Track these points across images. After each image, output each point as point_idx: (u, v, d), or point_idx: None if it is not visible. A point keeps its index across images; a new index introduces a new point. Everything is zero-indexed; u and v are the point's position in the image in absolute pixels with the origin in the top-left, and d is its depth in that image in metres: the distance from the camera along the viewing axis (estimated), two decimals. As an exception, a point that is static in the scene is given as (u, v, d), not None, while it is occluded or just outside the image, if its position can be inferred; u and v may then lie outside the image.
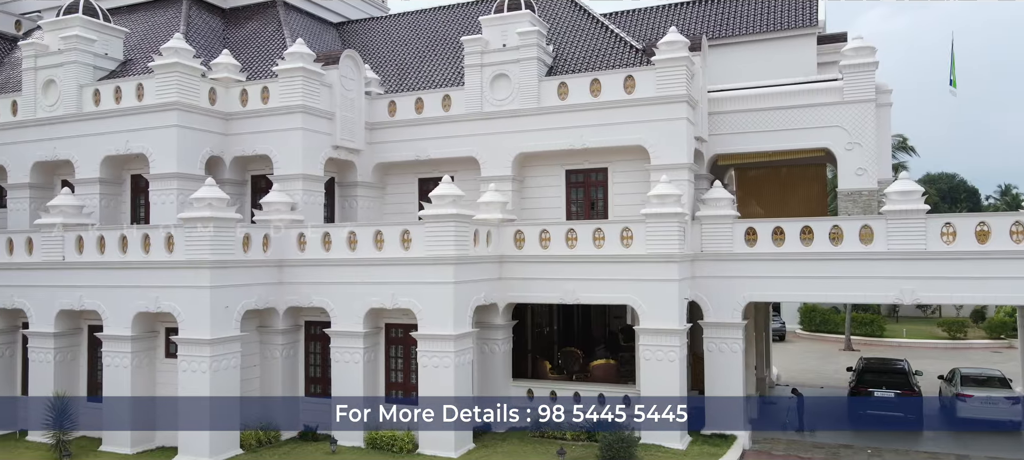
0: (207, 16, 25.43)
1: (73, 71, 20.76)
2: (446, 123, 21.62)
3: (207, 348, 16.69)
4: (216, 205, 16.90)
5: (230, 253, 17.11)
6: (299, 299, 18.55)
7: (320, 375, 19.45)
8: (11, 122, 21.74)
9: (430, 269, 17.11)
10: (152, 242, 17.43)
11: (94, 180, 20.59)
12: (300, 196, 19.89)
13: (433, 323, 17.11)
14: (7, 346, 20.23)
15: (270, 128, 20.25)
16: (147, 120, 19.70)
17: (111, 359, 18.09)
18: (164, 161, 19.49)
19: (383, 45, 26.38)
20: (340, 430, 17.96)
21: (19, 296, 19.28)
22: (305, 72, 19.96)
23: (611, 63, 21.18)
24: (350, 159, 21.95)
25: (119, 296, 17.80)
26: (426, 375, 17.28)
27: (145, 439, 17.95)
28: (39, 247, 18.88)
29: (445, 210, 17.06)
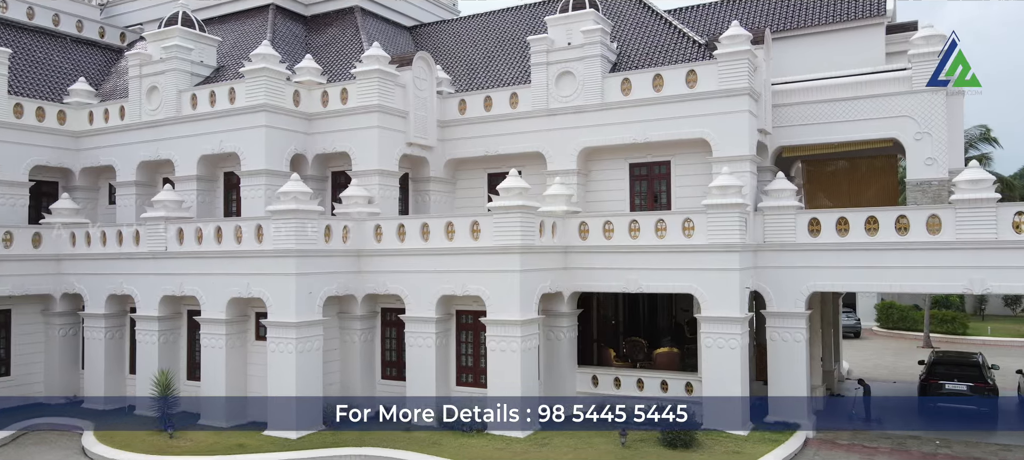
0: (291, 23, 27.14)
1: (173, 78, 22.66)
2: (513, 120, 22.49)
3: (293, 330, 18.10)
4: (300, 199, 18.29)
5: (313, 243, 18.47)
6: (376, 287, 19.80)
7: (395, 359, 20.65)
8: (119, 125, 23.87)
9: (497, 258, 18.02)
10: (244, 233, 18.97)
11: (191, 177, 22.43)
12: (377, 190, 21.14)
13: (501, 309, 18.02)
14: (117, 329, 22.26)
15: (349, 127, 21.60)
16: (238, 121, 21.36)
17: (208, 341, 19.78)
18: (253, 159, 21.10)
19: (454, 46, 27.50)
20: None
21: (128, 283, 21.24)
22: (381, 74, 21.21)
23: (674, 58, 21.62)
24: (423, 155, 23.10)
25: (215, 283, 19.45)
26: (494, 359, 18.21)
27: (238, 414, 19.54)
28: (145, 238, 20.74)
29: (511, 202, 17.93)
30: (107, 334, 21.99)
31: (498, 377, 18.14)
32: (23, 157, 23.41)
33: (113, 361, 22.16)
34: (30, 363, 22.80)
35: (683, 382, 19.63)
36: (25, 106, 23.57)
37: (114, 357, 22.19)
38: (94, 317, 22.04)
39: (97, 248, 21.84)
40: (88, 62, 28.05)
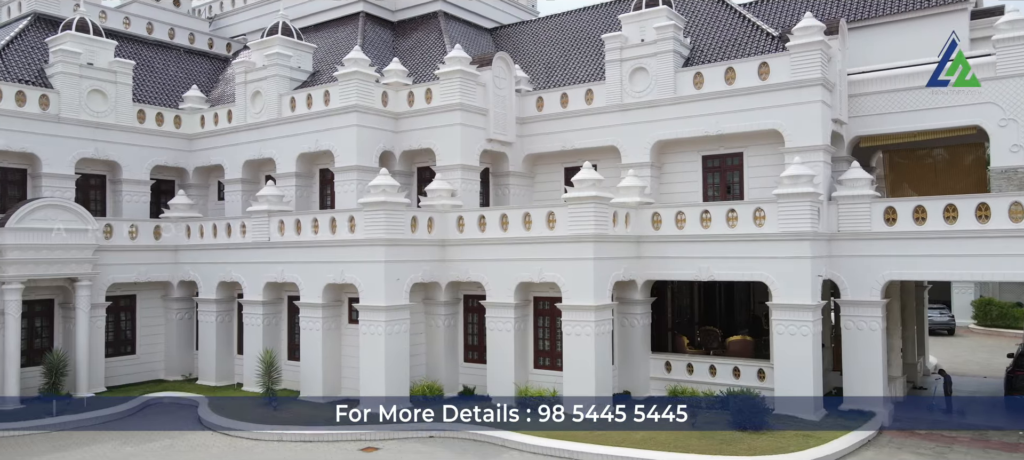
0: (379, 29, 28.88)
1: (274, 83, 24.68)
2: (589, 115, 23.33)
3: (383, 314, 19.57)
4: (388, 191, 19.74)
5: (400, 233, 19.89)
6: (458, 274, 21.06)
7: (477, 343, 21.87)
8: (227, 128, 26.15)
9: (572, 246, 18.93)
10: (338, 224, 20.61)
11: (291, 174, 24.39)
12: (459, 184, 22.43)
13: (575, 295, 18.92)
14: (227, 313, 24.43)
15: (433, 125, 23.00)
16: (332, 122, 23.11)
17: (306, 323, 21.56)
18: (346, 155, 22.80)
19: (532, 46, 28.56)
20: (494, 390, 20.31)
21: (235, 271, 23.33)
22: (462, 74, 22.48)
23: (747, 51, 21.93)
24: (503, 151, 24.25)
25: (312, 270, 21.20)
26: (569, 342, 19.13)
27: (333, 390, 21.25)
28: (250, 230, 22.75)
29: (585, 193, 18.79)
30: (218, 318, 24.18)
31: (573, 360, 19.04)
32: (145, 158, 26.01)
33: (223, 342, 24.33)
34: (152, 344, 25.31)
35: (755, 369, 19.98)
36: (147, 112, 26.18)
37: (224, 339, 24.36)
38: (206, 302, 24.29)
39: (209, 239, 24.07)
40: (199, 71, 30.69)
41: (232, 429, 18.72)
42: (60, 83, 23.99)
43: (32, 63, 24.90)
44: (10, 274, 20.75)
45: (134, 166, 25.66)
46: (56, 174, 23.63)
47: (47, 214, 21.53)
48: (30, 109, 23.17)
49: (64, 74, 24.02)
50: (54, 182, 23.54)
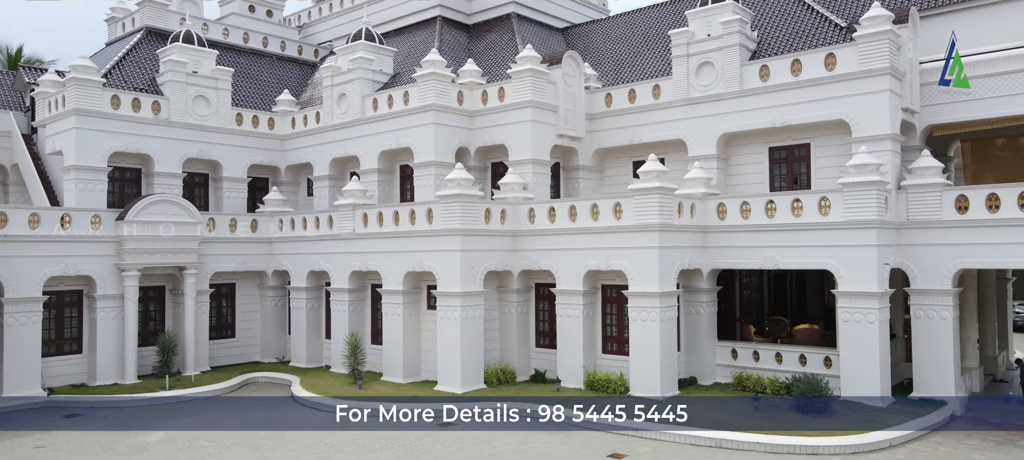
0: (455, 32, 30.30)
1: (358, 86, 26.41)
2: (656, 110, 23.98)
3: (458, 299, 20.85)
4: (463, 185, 21.00)
5: (474, 223, 21.12)
6: (529, 263, 22.13)
7: (547, 329, 22.88)
8: (315, 128, 28.10)
9: (637, 235, 19.69)
10: (417, 216, 22.03)
11: (373, 170, 26.06)
12: (530, 178, 23.51)
13: (641, 282, 19.67)
14: (316, 300, 26.32)
15: (505, 122, 24.16)
16: (411, 120, 24.61)
17: (388, 309, 23.08)
18: (424, 152, 24.25)
19: (602, 44, 29.35)
20: (564, 374, 21.29)
21: (323, 261, 25.14)
22: (533, 73, 23.55)
23: (814, 43, 22.11)
24: (572, 146, 25.19)
25: (393, 259, 22.69)
26: (635, 327, 19.90)
27: (412, 372, 22.68)
28: (337, 223, 24.49)
29: (650, 184, 19.52)
30: (308, 304, 26.08)
31: (639, 344, 19.80)
32: (243, 158, 28.26)
33: (312, 327, 26.22)
34: (250, 328, 27.50)
35: (822, 357, 20.20)
36: (244, 115, 28.43)
37: (313, 324, 26.24)
38: (297, 290, 26.23)
39: (299, 232, 26.00)
40: (290, 76, 32.92)
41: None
42: (169, 90, 26.44)
43: (145, 73, 27.49)
44: (128, 262, 23.13)
45: (233, 165, 27.94)
46: (166, 173, 26.07)
47: (160, 209, 23.84)
48: (144, 114, 25.66)
49: (173, 82, 26.45)
50: (165, 180, 25.98)
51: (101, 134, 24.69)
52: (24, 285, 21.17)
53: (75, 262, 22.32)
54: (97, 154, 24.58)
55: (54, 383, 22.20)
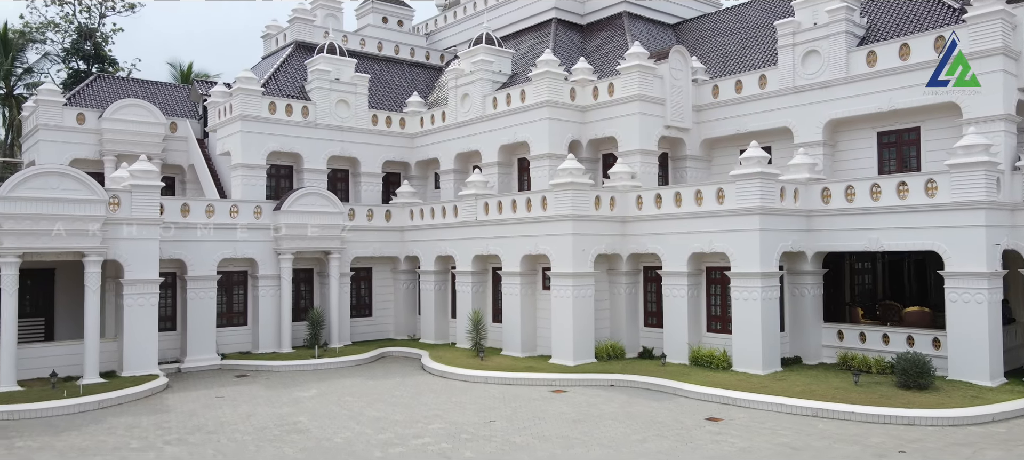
0: (569, 32, 32.10)
1: (479, 86, 28.79)
2: (762, 99, 24.71)
3: (570, 279, 22.63)
4: (575, 174, 22.75)
5: (585, 209, 22.82)
6: (637, 247, 23.56)
7: (655, 309, 24.22)
8: (441, 126, 30.78)
9: (739, 219, 20.69)
10: (532, 203, 24.01)
11: (494, 163, 28.34)
12: (638, 167, 24.92)
13: (742, 263, 20.66)
14: (443, 282, 28.94)
15: (614, 115, 25.69)
16: (527, 116, 26.65)
17: (508, 290, 25.20)
18: (539, 145, 26.22)
19: (711, 37, 30.19)
20: (669, 351, 22.59)
21: (449, 246, 27.67)
22: (640, 68, 24.94)
23: (925, 25, 22.13)
24: (680, 136, 26.33)
25: (511, 244, 24.78)
26: (737, 307, 20.92)
27: (529, 347, 24.69)
28: (461, 211, 26.92)
29: (751, 169, 20.46)
30: (435, 286, 28.73)
31: (741, 323, 20.79)
32: (378, 155, 31.39)
33: (440, 307, 28.86)
34: (384, 308, 30.56)
35: (930, 338, 20.34)
36: (379, 116, 31.57)
37: (440, 304, 28.87)
38: (426, 273, 28.94)
39: (428, 220, 28.69)
40: (419, 79, 35.93)
41: (447, 374, 22.79)
42: (316, 96, 29.92)
43: (295, 81, 31.19)
44: (284, 247, 26.61)
45: (370, 161, 31.12)
46: (313, 169, 29.55)
47: (309, 200, 27.19)
48: (295, 118, 29.24)
49: (318, 88, 29.91)
50: (312, 175, 29.46)
51: (260, 136, 28.44)
52: (202, 265, 24.98)
53: (241, 246, 26.01)
54: (258, 153, 28.35)
55: (225, 350, 25.97)
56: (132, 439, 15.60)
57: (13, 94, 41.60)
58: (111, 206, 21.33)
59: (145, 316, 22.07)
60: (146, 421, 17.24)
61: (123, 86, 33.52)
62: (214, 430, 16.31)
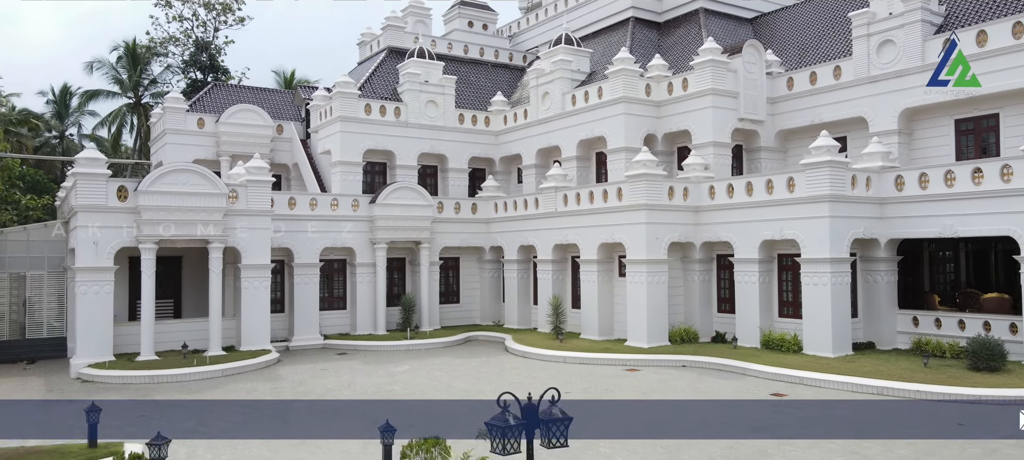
0: (646, 30, 33.11)
1: (558, 84, 30.26)
2: (836, 90, 25.08)
3: (644, 266, 23.79)
4: (648, 166, 23.88)
5: (658, 199, 23.92)
6: (710, 235, 24.45)
7: (728, 295, 25.03)
8: (523, 123, 32.44)
9: (809, 206, 21.32)
10: (608, 194, 25.29)
11: (573, 157, 29.76)
12: (711, 159, 25.78)
13: (812, 249, 21.28)
14: (525, 271, 30.54)
15: (688, 109, 26.63)
16: (604, 112, 27.93)
17: (585, 277, 26.56)
18: (615, 139, 27.47)
19: (788, 30, 30.54)
20: (741, 335, 23.40)
21: (531, 236, 29.27)
22: (713, 63, 25.78)
23: (1006, 11, 22.04)
24: (754, 128, 26.98)
25: (588, 233, 26.13)
26: (807, 292, 21.54)
27: (606, 331, 25.98)
28: (542, 203, 28.45)
29: (820, 158, 21.06)
30: (519, 275, 30.39)
31: (811, 307, 21.41)
32: (464, 151, 33.36)
33: (523, 294, 30.50)
34: (471, 295, 32.49)
35: (1007, 323, 20.34)
36: (465, 115, 33.54)
37: (523, 291, 30.52)
38: (510, 262, 30.64)
39: (511, 212, 30.39)
40: (502, 79, 37.75)
41: (529, 354, 24.39)
42: (407, 97, 32.16)
43: (388, 84, 33.58)
44: (379, 237, 28.90)
45: (456, 157, 33.14)
46: (405, 165, 31.80)
47: (401, 194, 29.40)
48: (388, 118, 31.57)
49: (409, 90, 32.14)
50: (404, 171, 31.71)
51: (357, 136, 30.90)
52: (307, 254, 27.55)
53: (341, 237, 28.46)
54: (355, 151, 30.82)
55: (327, 331, 28.48)
56: (249, 408, 17.96)
57: (141, 103, 46.18)
58: (230, 199, 24.04)
59: (259, 297, 24.73)
60: (262, 387, 19.66)
61: (235, 93, 36.87)
62: (325, 392, 18.50)
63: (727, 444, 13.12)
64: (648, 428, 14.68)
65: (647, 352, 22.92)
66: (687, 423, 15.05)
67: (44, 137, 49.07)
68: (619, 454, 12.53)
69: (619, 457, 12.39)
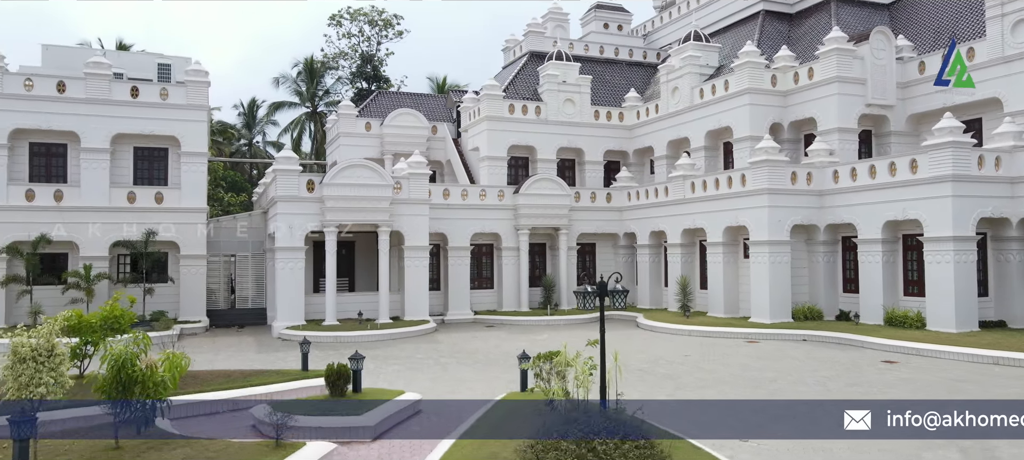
0: (777, 22, 34.01)
1: (688, 79, 32.02)
2: (970, 71, 25.08)
3: (766, 247, 25.21)
4: (770, 152, 25.27)
5: (780, 184, 25.23)
6: (833, 217, 25.42)
7: (852, 275, 25.83)
8: (655, 118, 34.44)
9: (931, 186, 21.94)
10: (733, 181, 26.85)
11: (701, 147, 31.45)
12: (837, 144, 26.64)
13: (934, 228, 21.89)
14: (656, 255, 32.54)
15: (813, 97, 27.58)
16: (730, 104, 29.44)
17: (712, 259, 28.24)
18: (741, 129, 28.94)
19: (924, 14, 30.43)
20: (865, 313, 24.25)
21: (662, 222, 31.23)
22: (838, 51, 26.62)
23: None
24: (883, 114, 27.44)
25: (714, 217, 27.79)
26: (930, 270, 22.16)
27: (732, 309, 27.55)
28: (671, 191, 30.38)
29: (943, 139, 21.65)
30: (650, 259, 32.45)
31: (934, 285, 22.00)
32: (599, 145, 35.86)
33: (654, 277, 32.51)
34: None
35: None
36: (599, 112, 36.03)
37: (654, 274, 32.53)
38: (642, 247, 32.73)
39: (643, 201, 32.51)
40: (635, 77, 39.84)
41: (656, 328, 26.53)
42: (546, 97, 35.14)
43: (530, 86, 36.74)
44: (522, 223, 32.05)
45: (592, 151, 35.70)
46: (545, 159, 34.77)
47: (541, 185, 32.37)
48: (529, 117, 34.70)
49: (548, 90, 35.10)
50: (544, 164, 34.70)
51: (502, 133, 34.26)
52: (459, 238, 31.16)
53: (488, 223, 31.87)
54: (500, 147, 34.21)
55: (476, 308, 31.98)
56: (416, 353, 21.59)
57: (317, 112, 52.54)
58: (395, 190, 28.04)
59: (419, 275, 28.59)
60: (424, 346, 23.29)
61: (396, 99, 41.52)
62: (473, 352, 21.80)
63: (796, 382, 14.84)
64: (742, 379, 16.55)
65: (769, 327, 24.36)
66: (773, 373, 16.74)
67: (235, 145, 56.85)
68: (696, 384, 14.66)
69: (710, 390, 14.52)
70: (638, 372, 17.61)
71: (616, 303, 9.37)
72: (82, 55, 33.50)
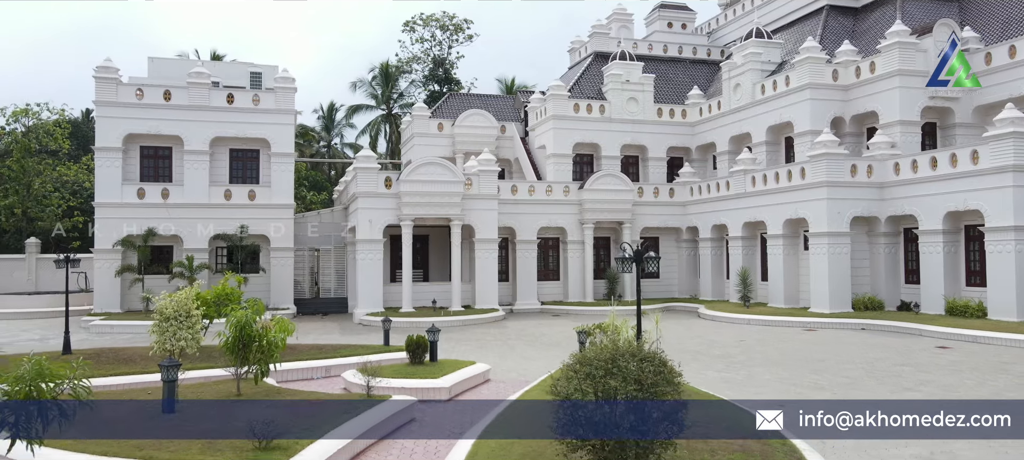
0: (841, 17, 34.22)
1: (749, 75, 32.66)
2: (1038, 62, 25.09)
3: (825, 238, 25.77)
4: (829, 146, 25.81)
5: (840, 177, 25.74)
6: (894, 209, 25.75)
7: (914, 266, 26.08)
8: (717, 114, 35.16)
9: (992, 177, 22.15)
10: (792, 174, 27.47)
11: (762, 142, 32.03)
12: (898, 137, 26.91)
13: (996, 218, 22.10)
14: (718, 248, 33.27)
15: (875, 91, 27.89)
16: (791, 99, 30.01)
17: (772, 251, 28.89)
18: (801, 123, 29.45)
19: (995, 6, 30.16)
20: (925, 303, 24.55)
21: (723, 216, 31.93)
22: (900, 45, 26.88)
23: None
24: (948, 106, 27.51)
25: (774, 210, 28.44)
26: (992, 260, 22.38)
27: (792, 300, 28.15)
28: (732, 185, 31.10)
29: (1004, 129, 21.85)
30: (712, 252, 33.23)
31: (996, 274, 22.21)
32: (662, 142, 36.81)
33: (716, 269, 33.26)
34: (669, 271, 35.83)
35: None
36: (663, 109, 36.96)
37: (716, 267, 33.27)
38: (704, 241, 33.53)
39: (705, 195, 33.32)
40: (698, 74, 40.54)
41: (717, 317, 27.42)
42: (610, 96, 36.32)
43: (594, 85, 37.99)
44: (586, 218, 33.36)
45: (655, 148, 36.68)
46: (609, 156, 35.97)
47: (606, 181, 33.59)
48: (594, 115, 35.96)
49: (612, 89, 36.27)
50: (608, 161, 35.90)
51: (568, 131, 35.64)
52: (526, 232, 32.68)
53: (554, 218, 33.29)
54: (566, 145, 35.60)
55: (543, 299, 33.47)
56: (486, 336, 23.27)
57: (392, 114, 55.11)
58: (466, 186, 29.82)
59: (489, 266, 30.29)
60: (493, 331, 24.93)
61: (466, 100, 43.43)
62: (539, 336, 23.32)
63: (844, 362, 15.69)
64: (793, 358, 17.47)
65: (828, 316, 24.95)
66: (824, 354, 17.56)
67: (316, 147, 60.07)
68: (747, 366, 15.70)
69: (758, 368, 15.57)
70: (693, 353, 18.75)
71: (649, 268, 10.82)
72: (183, 66, 36.64)
